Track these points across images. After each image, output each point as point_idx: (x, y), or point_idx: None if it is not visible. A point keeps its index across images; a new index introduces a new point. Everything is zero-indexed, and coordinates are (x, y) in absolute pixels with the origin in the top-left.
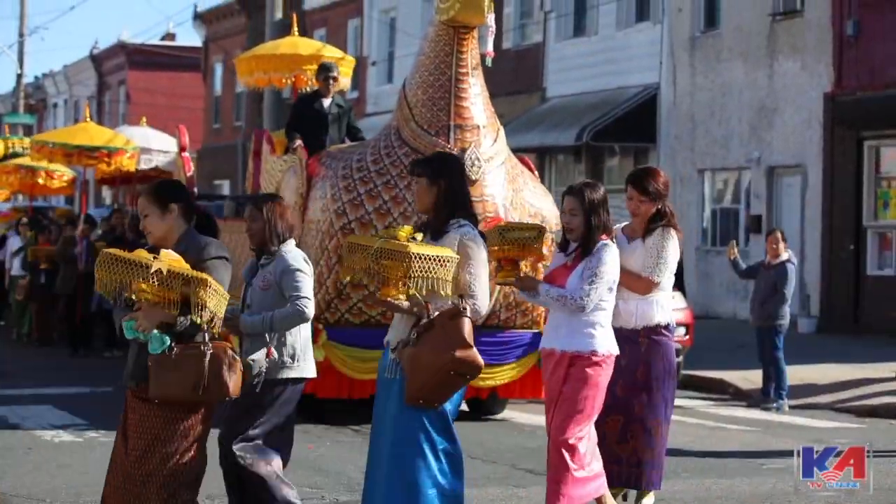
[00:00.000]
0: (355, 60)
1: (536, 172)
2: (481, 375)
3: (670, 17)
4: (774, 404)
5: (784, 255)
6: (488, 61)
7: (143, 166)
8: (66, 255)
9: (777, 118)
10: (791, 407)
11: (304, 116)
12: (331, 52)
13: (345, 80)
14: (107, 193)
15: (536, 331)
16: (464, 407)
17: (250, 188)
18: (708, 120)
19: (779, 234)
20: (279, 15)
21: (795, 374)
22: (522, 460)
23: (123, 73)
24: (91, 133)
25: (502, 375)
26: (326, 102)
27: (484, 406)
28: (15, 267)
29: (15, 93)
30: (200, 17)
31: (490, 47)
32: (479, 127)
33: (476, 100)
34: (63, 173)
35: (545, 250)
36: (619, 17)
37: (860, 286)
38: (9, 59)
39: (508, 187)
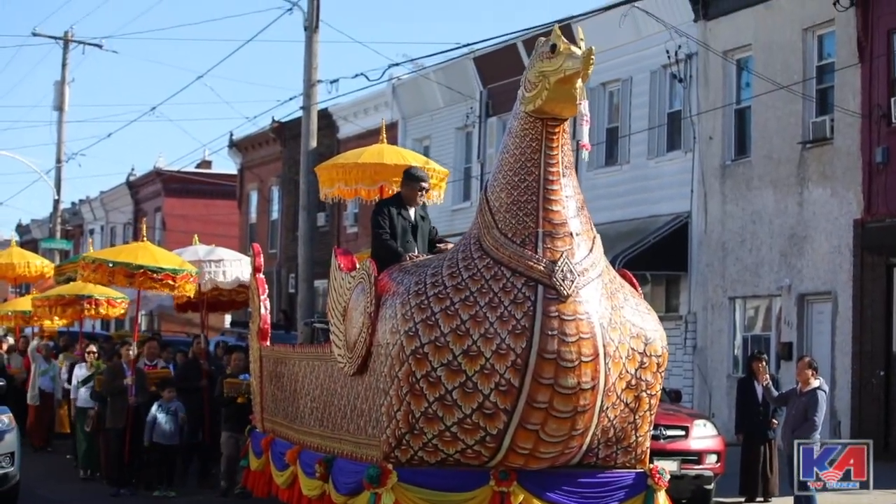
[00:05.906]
0: (448, 172)
1: (640, 289)
2: None
3: (701, 145)
4: None
5: (815, 383)
6: (585, 155)
7: (204, 287)
8: (114, 387)
9: (807, 245)
10: None
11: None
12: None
13: (434, 193)
14: (143, 319)
15: (641, 470)
16: None
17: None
18: (739, 248)
19: (808, 361)
20: (314, 144)
21: (826, 499)
22: None
23: (160, 199)
24: (152, 253)
25: None
26: (412, 212)
27: None
28: (81, 397)
29: (52, 218)
30: (236, 145)
31: (586, 139)
32: (572, 234)
33: (568, 203)
34: (123, 300)
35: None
36: (650, 146)
37: (891, 411)
38: (46, 185)
39: (606, 304)
